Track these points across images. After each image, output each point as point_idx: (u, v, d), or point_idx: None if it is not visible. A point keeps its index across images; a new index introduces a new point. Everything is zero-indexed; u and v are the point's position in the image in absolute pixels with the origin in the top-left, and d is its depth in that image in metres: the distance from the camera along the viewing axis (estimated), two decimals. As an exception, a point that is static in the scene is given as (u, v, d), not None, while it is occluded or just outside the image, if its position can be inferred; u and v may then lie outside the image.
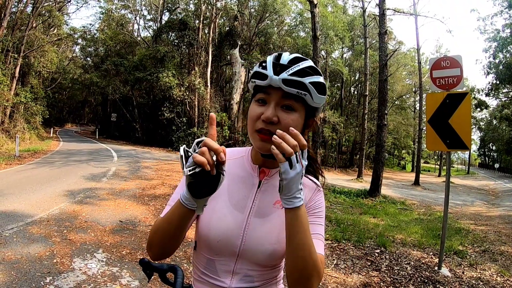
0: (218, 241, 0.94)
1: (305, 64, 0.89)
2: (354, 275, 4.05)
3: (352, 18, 33.20)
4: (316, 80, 0.88)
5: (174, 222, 0.87)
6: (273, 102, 0.88)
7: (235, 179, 1.01)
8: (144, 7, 34.52)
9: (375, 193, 11.78)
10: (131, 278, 3.51)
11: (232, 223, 0.95)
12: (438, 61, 4.66)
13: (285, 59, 0.90)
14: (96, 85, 29.23)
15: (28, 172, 9.97)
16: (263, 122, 0.88)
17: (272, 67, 0.88)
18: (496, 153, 64.25)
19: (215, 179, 0.76)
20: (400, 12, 23.02)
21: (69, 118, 53.83)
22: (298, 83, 0.86)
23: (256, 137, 0.90)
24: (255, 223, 0.95)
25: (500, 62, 26.21)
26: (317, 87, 0.88)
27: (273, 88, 0.88)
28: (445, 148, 4.43)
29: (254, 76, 0.92)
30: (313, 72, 0.89)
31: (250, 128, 0.92)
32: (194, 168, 0.72)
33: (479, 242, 6.22)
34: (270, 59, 0.91)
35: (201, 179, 0.75)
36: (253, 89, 0.95)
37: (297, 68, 0.87)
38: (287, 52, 0.93)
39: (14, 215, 5.36)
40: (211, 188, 0.77)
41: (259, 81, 0.90)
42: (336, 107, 35.03)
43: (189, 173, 0.72)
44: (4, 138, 17.27)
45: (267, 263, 0.96)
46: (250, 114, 0.92)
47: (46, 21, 24.00)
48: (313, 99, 0.89)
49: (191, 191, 0.78)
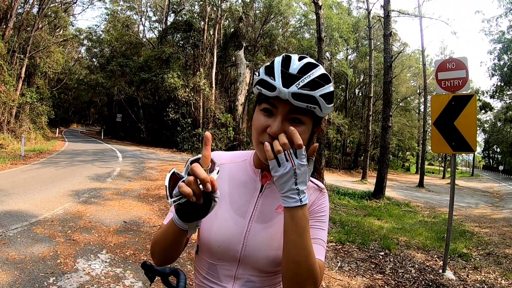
0: (219, 246, 0.93)
1: (316, 74, 0.83)
2: (358, 278, 4.04)
3: (356, 20, 33.12)
4: (327, 90, 0.83)
5: (170, 238, 0.87)
6: (280, 115, 0.83)
7: (236, 184, 0.99)
8: (150, 9, 34.73)
9: (380, 195, 11.73)
10: (134, 279, 3.52)
11: (233, 228, 0.93)
12: (444, 63, 4.63)
13: (295, 68, 0.83)
14: (101, 85, 29.41)
15: (33, 172, 10.03)
16: (269, 136, 0.84)
17: (281, 77, 0.82)
18: (500, 155, 63.68)
19: (205, 205, 0.73)
20: (405, 14, 22.97)
21: (74, 119, 54.21)
22: (309, 97, 0.81)
23: (262, 148, 0.85)
24: (257, 228, 0.94)
25: (505, 64, 25.94)
26: (326, 98, 0.84)
27: (281, 100, 0.83)
28: (450, 150, 4.40)
29: (260, 84, 0.86)
30: (324, 82, 0.83)
31: (255, 139, 0.89)
32: (179, 198, 0.70)
33: (484, 245, 6.17)
34: (278, 66, 0.84)
35: (189, 207, 0.73)
36: (257, 95, 0.90)
37: (308, 80, 0.81)
38: (295, 56, 0.87)
39: (19, 215, 5.40)
40: (201, 214, 0.75)
41: (266, 91, 0.84)
42: (340, 109, 35.01)
43: (173, 204, 0.71)
44: (10, 138, 17.44)
45: (269, 269, 0.94)
46: (255, 124, 0.88)
47: (52, 22, 24.29)
48: (322, 111, 0.84)
49: (180, 217, 0.76)
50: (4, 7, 19.12)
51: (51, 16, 23.63)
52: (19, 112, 19.89)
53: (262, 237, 0.93)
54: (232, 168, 1.02)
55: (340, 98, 36.59)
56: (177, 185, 0.70)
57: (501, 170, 50.40)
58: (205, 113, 25.01)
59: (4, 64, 17.03)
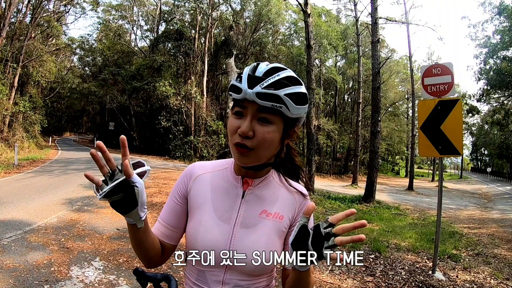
0: (206, 253, 0.94)
1: (282, 75, 0.87)
2: (349, 281, 4.04)
3: (345, 27, 33.53)
4: (293, 91, 0.86)
5: (132, 238, 0.92)
6: (249, 115, 0.87)
7: (219, 191, 1.01)
8: (141, 18, 34.92)
9: (370, 199, 11.85)
10: (128, 286, 3.53)
11: (218, 234, 0.95)
12: (430, 69, 4.70)
13: (261, 71, 0.87)
14: (94, 94, 29.38)
15: (27, 180, 9.98)
16: (240, 136, 0.88)
17: (247, 80, 0.86)
18: (488, 158, 64.51)
19: (129, 193, 0.79)
20: (392, 21, 23.40)
21: (67, 127, 53.57)
22: (273, 96, 0.84)
23: (235, 150, 0.90)
24: (241, 233, 0.94)
25: (491, 68, 26.46)
26: (294, 98, 0.86)
27: (249, 101, 0.87)
28: (437, 154, 4.45)
29: (231, 89, 0.90)
30: (291, 83, 0.87)
31: (230, 141, 0.92)
32: (101, 187, 0.77)
33: (473, 246, 6.25)
34: (246, 71, 0.89)
35: (116, 199, 0.78)
36: (232, 101, 0.94)
37: (272, 80, 0.85)
38: (265, 62, 0.91)
39: (13, 223, 5.39)
40: (131, 203, 0.80)
41: (235, 94, 0.89)
42: (330, 115, 35.30)
43: (99, 196, 0.77)
44: (3, 147, 17.30)
45: (256, 273, 0.96)
46: (228, 127, 0.92)
47: (45, 31, 24.19)
48: (290, 111, 0.87)
49: (116, 209, 0.81)
50: (-3, 16, 19.06)
51: (43, 26, 23.59)
52: (12, 121, 19.76)
53: (247, 241, 0.94)
54: (214, 177, 1.04)
55: (330, 104, 36.93)
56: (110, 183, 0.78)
57: (489, 172, 51.19)
58: (197, 121, 25.05)
59: (-3, 73, 16.98)
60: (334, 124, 31.27)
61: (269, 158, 0.95)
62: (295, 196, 1.03)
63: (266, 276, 1.00)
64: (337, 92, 36.18)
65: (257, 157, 0.91)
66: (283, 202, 1.01)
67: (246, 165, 0.93)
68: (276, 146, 0.93)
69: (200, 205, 1.00)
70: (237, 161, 0.95)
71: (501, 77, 24.82)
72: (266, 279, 1.00)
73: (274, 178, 1.04)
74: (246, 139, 0.87)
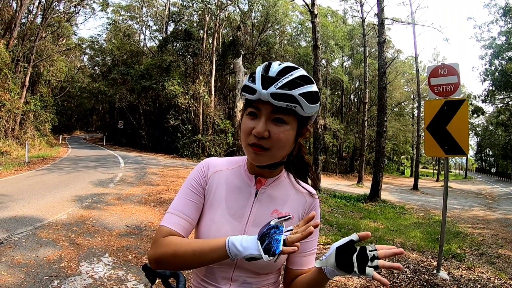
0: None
1: (295, 75, 0.87)
2: (354, 279, 4.02)
3: (351, 28, 33.41)
4: (307, 90, 0.87)
5: (206, 261, 0.88)
6: (263, 116, 0.88)
7: (232, 189, 1.01)
8: (150, 18, 35.12)
9: (375, 198, 11.87)
10: (136, 281, 3.55)
11: (230, 232, 0.94)
12: (436, 69, 4.67)
13: (274, 71, 0.87)
14: (103, 93, 29.69)
15: (38, 178, 10.06)
16: (255, 137, 0.88)
17: (260, 80, 0.86)
18: (492, 158, 63.58)
19: None
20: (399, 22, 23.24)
21: (77, 126, 54.29)
22: (288, 96, 0.84)
23: (250, 150, 0.91)
24: (253, 232, 0.92)
25: (496, 69, 26.22)
26: (307, 97, 0.87)
27: (263, 102, 0.87)
28: (443, 154, 4.42)
29: (244, 90, 0.90)
30: (303, 82, 0.87)
31: (243, 142, 0.93)
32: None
33: (477, 245, 6.23)
34: (259, 71, 0.89)
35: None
36: (244, 102, 0.95)
37: (286, 80, 0.85)
38: (277, 62, 0.91)
39: (24, 219, 5.46)
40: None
41: (249, 95, 0.89)
42: (336, 114, 35.25)
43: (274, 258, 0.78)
44: (15, 144, 17.52)
45: (264, 271, 0.97)
46: (243, 128, 0.92)
47: (55, 32, 24.53)
48: (304, 110, 0.87)
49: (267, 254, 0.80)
50: (9, 17, 19.37)
51: (54, 26, 23.88)
52: (23, 120, 19.97)
53: None
54: (228, 174, 1.04)
55: (336, 104, 36.85)
56: (274, 238, 0.79)
57: (493, 173, 50.84)
58: (205, 120, 25.18)
59: (9, 72, 17.18)
60: (340, 124, 31.19)
61: (283, 157, 0.96)
62: (305, 196, 1.04)
63: (274, 273, 1.02)
64: (343, 92, 36.08)
65: (272, 157, 0.92)
66: (293, 202, 1.02)
67: (261, 164, 0.94)
68: (291, 145, 0.94)
69: (214, 202, 1.00)
70: (252, 161, 0.95)
71: (506, 78, 24.60)
72: (273, 276, 1.03)
73: (286, 178, 1.06)
74: (262, 140, 0.88)
